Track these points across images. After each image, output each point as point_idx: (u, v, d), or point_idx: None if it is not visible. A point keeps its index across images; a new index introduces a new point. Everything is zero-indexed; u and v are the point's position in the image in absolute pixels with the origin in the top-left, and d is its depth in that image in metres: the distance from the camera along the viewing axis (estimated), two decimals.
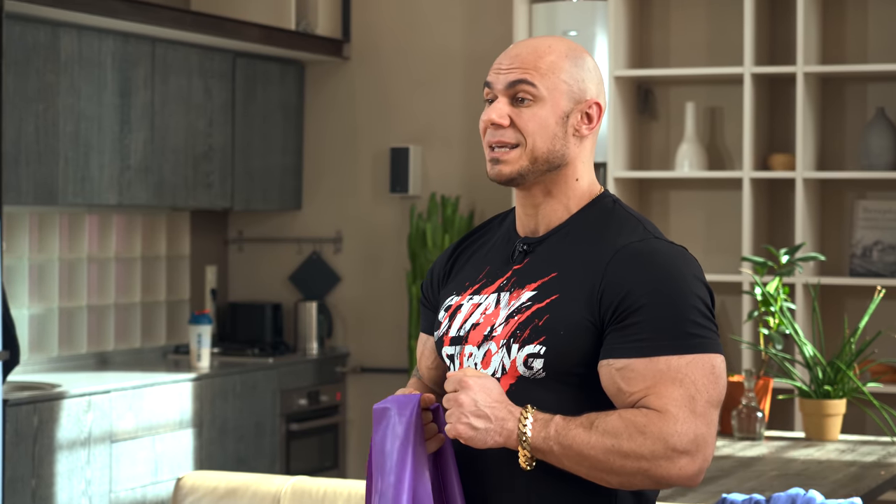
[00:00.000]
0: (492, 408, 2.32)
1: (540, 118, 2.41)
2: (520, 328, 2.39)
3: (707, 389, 2.29)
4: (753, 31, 6.09)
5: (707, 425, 2.28)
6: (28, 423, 5.35)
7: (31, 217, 6.22)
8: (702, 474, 2.30)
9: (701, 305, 2.34)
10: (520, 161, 2.42)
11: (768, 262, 4.82)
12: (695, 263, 2.40)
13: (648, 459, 2.26)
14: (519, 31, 6.46)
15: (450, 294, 2.53)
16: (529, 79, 2.41)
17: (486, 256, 2.53)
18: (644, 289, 2.33)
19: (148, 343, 6.87)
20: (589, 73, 2.45)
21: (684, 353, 2.30)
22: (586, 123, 2.45)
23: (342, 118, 7.27)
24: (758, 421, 4.63)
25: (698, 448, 2.27)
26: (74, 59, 5.98)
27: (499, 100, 2.43)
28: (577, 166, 2.46)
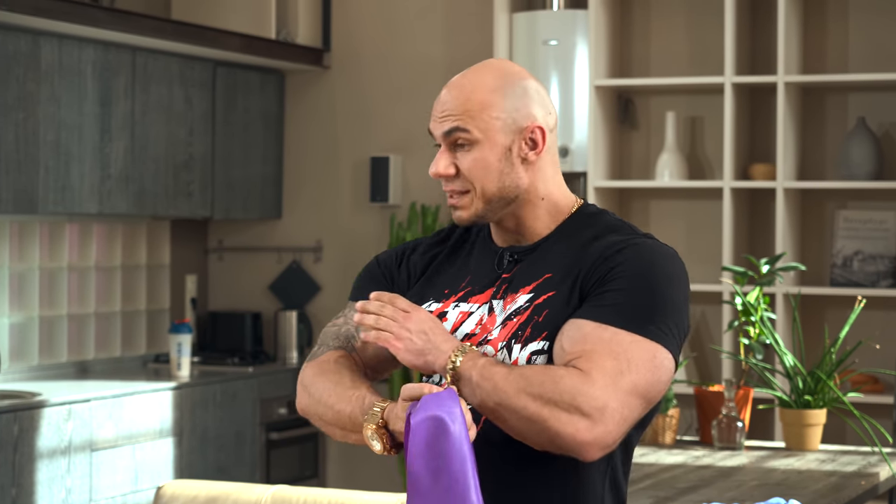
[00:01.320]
0: (434, 332, 2.36)
1: (480, 161, 2.42)
2: (521, 328, 2.40)
3: (639, 373, 2.28)
4: (734, 40, 6.11)
5: (622, 404, 2.25)
6: (8, 431, 5.33)
7: (12, 226, 6.21)
8: (596, 448, 2.26)
9: (674, 310, 2.35)
10: (475, 204, 2.44)
11: (749, 271, 4.83)
12: (686, 277, 2.41)
13: (550, 407, 2.24)
14: (499, 39, 6.47)
15: (426, 300, 2.52)
16: (461, 125, 2.42)
17: (464, 265, 2.53)
18: (629, 271, 2.35)
19: (128, 352, 6.85)
20: (523, 100, 2.44)
21: (633, 333, 2.30)
22: (532, 149, 2.45)
23: (322, 127, 7.26)
24: (738, 431, 4.63)
25: (602, 418, 2.24)
26: (55, 67, 5.97)
27: (442, 148, 2.45)
28: (538, 187, 2.47)
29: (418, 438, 2.21)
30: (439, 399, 2.23)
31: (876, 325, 6.03)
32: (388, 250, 2.65)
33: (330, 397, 2.44)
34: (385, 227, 7.08)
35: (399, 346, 2.37)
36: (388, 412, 2.34)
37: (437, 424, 2.20)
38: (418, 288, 2.55)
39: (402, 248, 2.63)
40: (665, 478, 4.14)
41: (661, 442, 4.71)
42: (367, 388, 2.43)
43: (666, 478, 4.14)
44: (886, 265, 6.10)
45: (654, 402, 2.33)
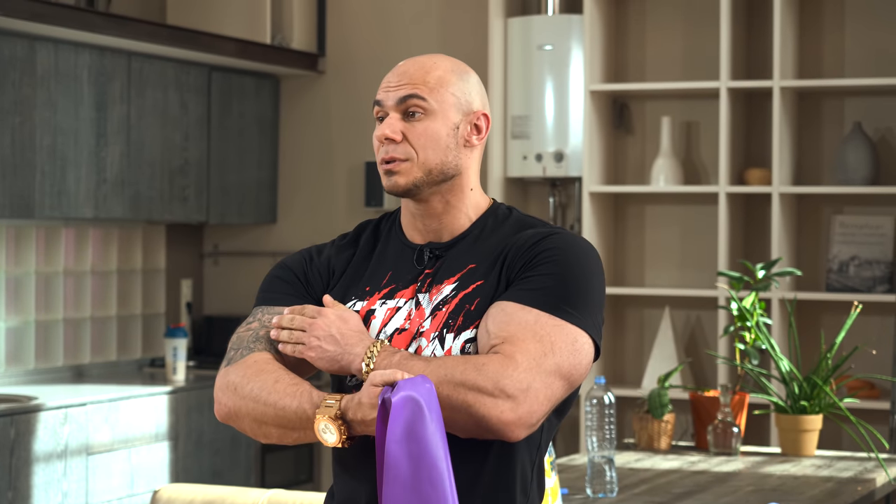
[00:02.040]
0: (343, 335, 2.41)
1: (432, 131, 2.49)
2: (451, 317, 2.43)
3: (562, 355, 2.34)
4: (730, 45, 6.11)
5: (545, 385, 2.32)
6: (5, 435, 5.33)
7: (8, 230, 6.21)
8: (523, 427, 2.30)
9: (595, 299, 2.41)
10: (413, 172, 2.49)
11: (744, 277, 4.83)
12: (601, 262, 2.49)
13: (475, 393, 2.29)
14: (494, 44, 6.48)
15: (349, 299, 2.53)
16: (419, 93, 2.49)
17: (381, 263, 2.56)
18: (555, 257, 2.41)
19: (124, 356, 6.85)
20: (474, 88, 2.55)
21: (556, 316, 2.36)
22: (476, 134, 2.54)
23: (317, 132, 7.27)
24: (734, 436, 4.64)
25: (526, 398, 2.29)
26: (51, 72, 5.97)
27: (390, 116, 2.50)
28: (471, 177, 2.55)
29: (399, 421, 2.21)
30: (414, 383, 2.24)
31: (872, 331, 6.04)
32: (292, 255, 2.65)
33: (270, 395, 2.40)
34: None
35: (311, 356, 2.43)
36: (345, 402, 2.33)
37: (418, 408, 2.21)
38: (339, 288, 2.56)
39: (308, 252, 2.64)
40: (660, 483, 4.15)
41: (657, 447, 4.71)
42: (308, 384, 2.43)
43: (661, 483, 4.15)
44: (882, 270, 6.11)
45: (576, 384, 2.39)
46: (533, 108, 6.41)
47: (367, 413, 2.30)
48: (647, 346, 6.44)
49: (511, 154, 6.47)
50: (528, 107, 6.43)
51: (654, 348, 6.30)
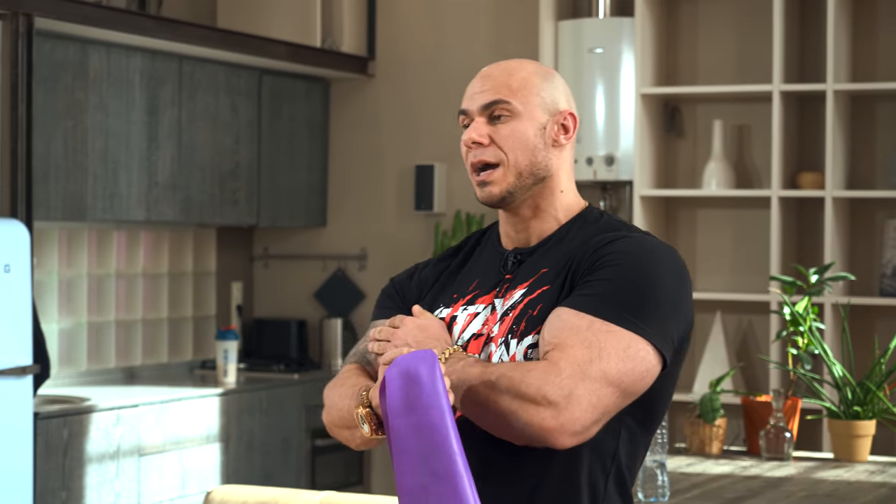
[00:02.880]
0: (419, 342, 2.40)
1: (518, 132, 2.47)
2: (515, 323, 2.42)
3: (610, 361, 2.28)
4: (782, 48, 6.08)
5: (589, 392, 2.26)
6: (58, 436, 5.37)
7: (61, 232, 6.25)
8: (565, 436, 2.26)
9: (666, 307, 2.34)
10: (506, 179, 2.48)
11: (797, 281, 4.80)
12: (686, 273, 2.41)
13: (519, 400, 2.26)
14: (545, 47, 6.47)
15: (437, 307, 2.55)
16: (503, 97, 2.48)
17: (472, 270, 2.57)
18: (616, 261, 2.37)
19: (175, 358, 6.89)
20: (559, 89, 2.53)
21: (611, 322, 2.30)
22: (564, 133, 2.51)
23: (367, 135, 7.27)
24: (786, 441, 4.61)
25: (568, 405, 2.24)
26: (103, 76, 6.00)
27: (476, 121, 2.49)
28: (561, 177, 2.52)
29: (393, 393, 2.21)
30: (414, 356, 2.23)
31: None
32: (402, 272, 2.70)
33: (339, 400, 2.49)
34: (429, 235, 7.09)
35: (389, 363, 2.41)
36: (371, 391, 2.36)
37: (410, 376, 2.20)
38: (430, 297, 2.59)
39: (414, 267, 2.68)
40: (712, 488, 4.13)
41: (708, 452, 4.69)
42: (367, 380, 2.46)
43: (713, 488, 4.13)
44: None
45: (632, 392, 2.32)
46: (584, 111, 6.40)
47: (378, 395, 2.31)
48: (699, 350, 6.41)
49: None
50: (579, 110, 6.36)
51: (706, 353, 6.28)
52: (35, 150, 5.58)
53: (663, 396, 2.44)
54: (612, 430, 2.38)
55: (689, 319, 2.41)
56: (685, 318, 2.39)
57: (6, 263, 4.98)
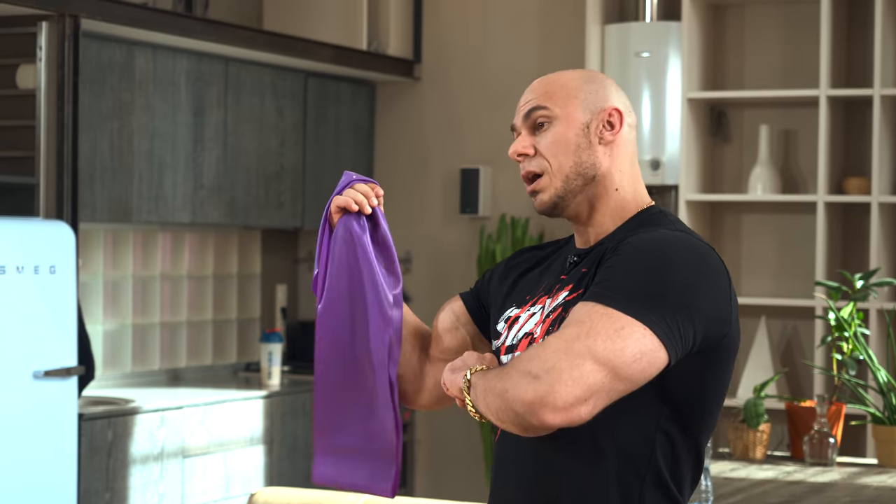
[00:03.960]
0: (464, 359, 2.41)
1: (559, 136, 2.47)
2: (553, 324, 2.42)
3: (598, 338, 2.22)
4: (829, 52, 6.05)
5: (571, 365, 2.20)
6: (102, 437, 5.40)
7: (106, 234, 6.28)
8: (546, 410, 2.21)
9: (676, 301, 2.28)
10: (553, 184, 2.48)
11: (842, 287, 4.77)
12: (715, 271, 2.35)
13: (507, 377, 2.27)
14: (591, 51, 6.45)
15: (511, 306, 2.56)
16: (542, 103, 2.49)
17: (546, 271, 2.57)
18: (628, 251, 2.34)
19: (219, 360, 6.91)
20: (603, 85, 2.51)
21: (608, 306, 2.26)
22: (609, 130, 2.49)
23: (413, 138, 7.28)
24: (830, 447, 4.58)
25: (548, 377, 2.20)
26: (149, 77, 6.03)
27: (521, 134, 2.51)
28: (614, 175, 2.50)
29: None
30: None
31: None
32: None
33: None
34: (475, 238, 7.08)
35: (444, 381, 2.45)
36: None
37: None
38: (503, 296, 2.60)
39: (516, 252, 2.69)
40: (756, 493, 4.11)
41: (752, 457, 4.67)
42: None
43: (757, 493, 4.11)
44: None
45: (627, 375, 2.23)
46: None
47: None
48: (743, 355, 6.38)
49: None
50: None
51: (750, 358, 6.25)
52: (81, 151, 5.61)
53: (705, 399, 2.38)
54: (644, 434, 2.35)
55: (717, 319, 2.33)
56: (706, 317, 2.31)
57: (51, 265, 5.02)
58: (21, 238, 4.95)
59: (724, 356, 2.39)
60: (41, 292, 4.97)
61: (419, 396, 2.65)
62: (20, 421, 4.90)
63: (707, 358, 2.36)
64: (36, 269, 4.96)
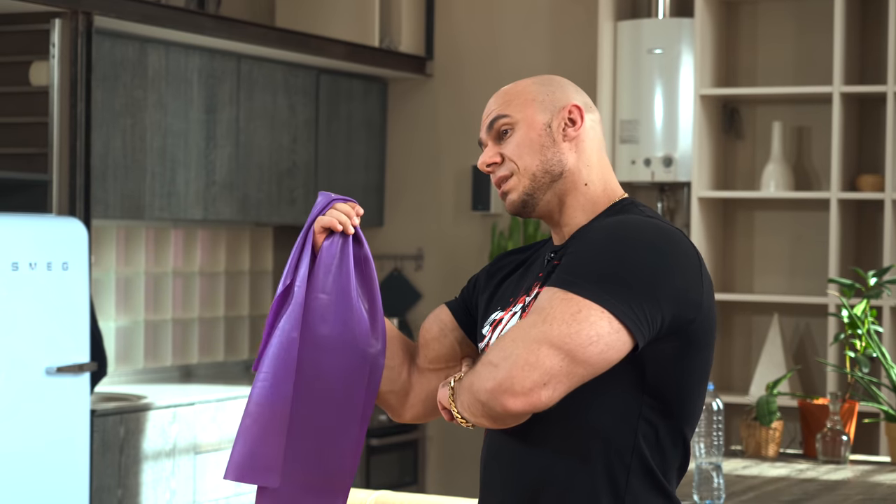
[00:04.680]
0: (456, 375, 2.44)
1: (521, 138, 2.49)
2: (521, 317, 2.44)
3: (553, 323, 2.24)
4: (843, 49, 6.03)
5: (527, 351, 2.23)
6: (115, 433, 5.40)
7: (119, 231, 6.29)
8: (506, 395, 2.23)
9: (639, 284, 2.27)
10: (521, 183, 2.49)
11: (856, 284, 4.77)
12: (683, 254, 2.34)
13: (475, 373, 2.30)
14: (604, 48, 6.44)
15: (494, 310, 2.56)
16: (501, 112, 2.51)
17: (525, 274, 2.57)
18: (589, 235, 2.37)
19: (231, 357, 6.91)
20: (560, 86, 2.53)
21: (567, 290, 2.28)
22: (571, 126, 2.50)
23: (425, 135, 7.28)
24: (843, 444, 4.57)
25: (505, 362, 2.24)
26: (162, 74, 6.04)
27: (488, 146, 2.53)
28: (582, 170, 2.50)
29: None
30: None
31: None
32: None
33: None
34: (486, 235, 7.08)
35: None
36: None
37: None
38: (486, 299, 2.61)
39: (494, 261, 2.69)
40: (768, 490, 4.11)
41: (764, 455, 4.66)
42: None
43: (769, 490, 4.11)
44: None
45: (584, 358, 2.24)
46: (642, 112, 6.37)
47: None
48: (756, 352, 6.37)
49: (619, 158, 6.43)
50: (638, 111, 6.40)
51: (763, 355, 6.24)
52: (94, 148, 5.61)
53: (682, 386, 2.37)
54: (626, 422, 2.35)
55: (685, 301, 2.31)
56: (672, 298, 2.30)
57: (64, 261, 5.02)
58: (34, 234, 4.96)
59: (698, 340, 2.37)
60: (54, 289, 4.97)
61: (406, 410, 2.67)
62: (33, 417, 4.91)
63: (680, 342, 2.35)
64: (49, 266, 4.97)
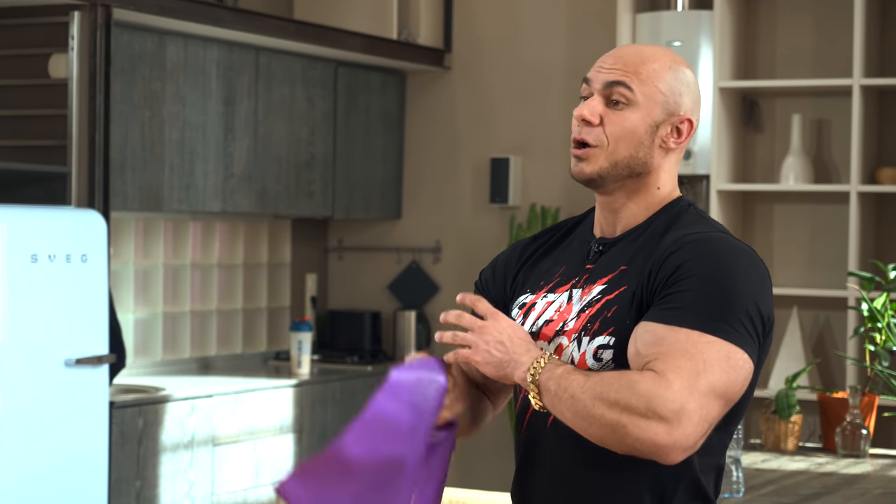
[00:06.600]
0: (513, 342, 2.35)
1: (629, 123, 2.42)
2: (590, 321, 2.39)
3: (715, 373, 2.23)
4: (863, 41, 6.01)
5: (700, 406, 2.20)
6: (133, 425, 5.41)
7: (137, 223, 6.29)
8: (676, 452, 2.21)
9: (751, 308, 2.28)
10: (599, 161, 2.43)
11: (875, 277, 4.75)
12: (762, 269, 2.35)
13: (628, 414, 2.20)
14: (622, 41, 6.43)
15: (524, 293, 2.53)
16: (627, 82, 2.41)
17: (560, 257, 2.53)
18: (696, 269, 2.30)
19: (249, 349, 6.92)
20: (687, 88, 2.45)
21: (708, 333, 2.25)
22: (675, 137, 2.45)
23: (443, 128, 7.27)
24: (862, 438, 4.56)
25: (679, 420, 2.19)
26: (180, 67, 6.04)
27: (594, 97, 2.44)
28: (661, 176, 2.47)
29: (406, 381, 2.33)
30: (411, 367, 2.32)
31: None
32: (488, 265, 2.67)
33: None
34: (504, 228, 7.07)
35: (477, 360, 2.36)
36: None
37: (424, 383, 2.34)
38: (518, 282, 2.57)
39: (499, 256, 2.65)
40: (788, 484, 4.10)
41: (784, 448, 4.65)
42: None
43: (788, 484, 4.10)
44: None
45: (733, 401, 2.28)
46: None
47: None
48: (775, 346, 6.36)
49: None
50: None
51: (782, 348, 6.23)
52: (112, 140, 5.62)
53: (746, 398, 2.37)
54: None
55: (770, 316, 2.35)
56: (767, 313, 2.33)
57: (83, 253, 5.03)
58: (53, 226, 4.96)
59: (768, 349, 2.40)
60: (73, 281, 4.98)
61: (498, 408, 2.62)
62: (52, 409, 4.92)
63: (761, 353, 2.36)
64: (68, 258, 4.97)
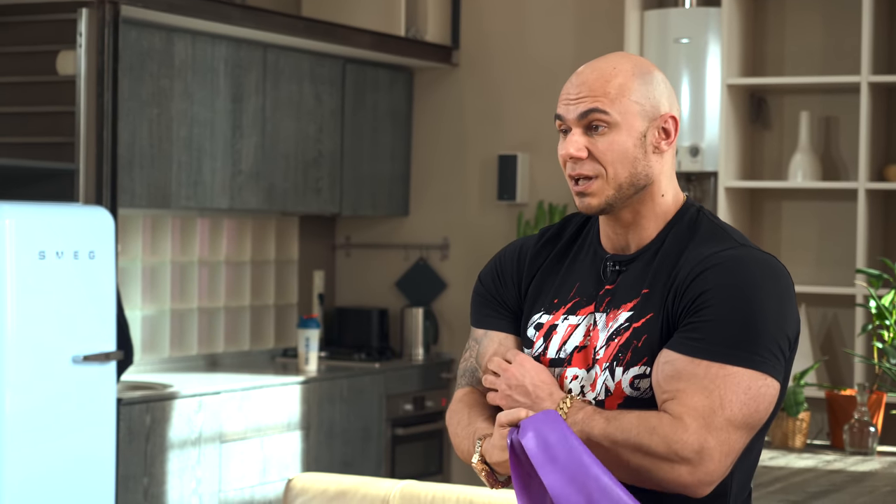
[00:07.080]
0: (535, 386, 2.39)
1: (617, 145, 2.38)
2: (621, 350, 2.37)
3: (732, 408, 2.25)
4: (871, 38, 6.00)
5: (720, 442, 2.24)
6: (141, 421, 5.41)
7: (145, 220, 6.30)
8: (705, 486, 2.26)
9: (775, 331, 2.29)
10: (605, 191, 2.40)
11: (883, 274, 4.75)
12: (785, 280, 2.35)
13: (650, 458, 2.25)
14: (630, 38, 6.43)
15: (538, 311, 2.50)
16: (600, 106, 2.38)
17: (572, 270, 2.51)
18: (718, 296, 2.30)
19: (256, 346, 6.92)
20: (659, 88, 2.42)
21: (726, 364, 2.26)
22: (664, 138, 2.42)
23: (450, 125, 7.27)
24: (870, 436, 4.56)
25: (701, 460, 2.24)
26: (188, 64, 6.04)
27: (573, 132, 2.40)
28: (662, 182, 2.44)
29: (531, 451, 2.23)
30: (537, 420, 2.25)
31: None
32: (487, 264, 2.62)
33: (457, 437, 2.51)
34: (512, 225, 7.07)
35: (503, 405, 2.42)
36: (484, 446, 2.39)
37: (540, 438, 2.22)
38: (529, 297, 2.54)
39: (500, 258, 2.60)
40: (795, 482, 4.09)
41: (792, 446, 4.65)
42: (482, 421, 2.46)
43: (796, 482, 4.09)
44: None
45: (757, 428, 2.31)
46: None
47: (497, 456, 2.34)
48: None
49: None
50: None
51: None
52: (120, 137, 5.62)
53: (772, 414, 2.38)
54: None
55: (796, 332, 2.35)
56: (792, 328, 2.33)
57: (91, 250, 5.03)
58: (61, 223, 4.97)
59: (793, 359, 2.40)
60: (80, 277, 4.98)
61: None
62: (59, 406, 4.92)
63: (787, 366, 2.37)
64: (75, 255, 4.98)
